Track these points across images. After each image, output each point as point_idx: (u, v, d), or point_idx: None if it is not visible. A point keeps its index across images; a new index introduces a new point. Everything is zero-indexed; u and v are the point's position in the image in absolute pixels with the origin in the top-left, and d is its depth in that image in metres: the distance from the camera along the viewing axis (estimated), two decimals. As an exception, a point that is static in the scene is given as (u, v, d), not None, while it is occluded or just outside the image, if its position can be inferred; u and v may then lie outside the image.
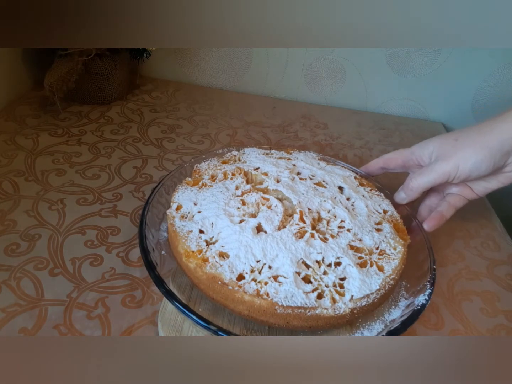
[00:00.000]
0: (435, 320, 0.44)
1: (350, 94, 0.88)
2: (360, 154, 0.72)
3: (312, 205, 0.41)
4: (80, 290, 0.41)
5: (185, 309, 0.32)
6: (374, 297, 0.34)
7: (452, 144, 0.45)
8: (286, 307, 0.32)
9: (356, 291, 0.34)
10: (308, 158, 0.51)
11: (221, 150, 0.52)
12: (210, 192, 0.42)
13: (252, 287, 0.33)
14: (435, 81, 0.83)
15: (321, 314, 0.32)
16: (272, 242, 0.36)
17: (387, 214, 0.44)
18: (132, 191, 0.56)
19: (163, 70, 0.90)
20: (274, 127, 0.77)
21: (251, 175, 0.46)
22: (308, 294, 0.33)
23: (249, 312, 0.34)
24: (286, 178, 0.45)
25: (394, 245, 0.39)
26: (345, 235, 0.39)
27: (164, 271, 0.39)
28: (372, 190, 0.47)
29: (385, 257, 0.38)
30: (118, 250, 0.47)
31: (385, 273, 0.36)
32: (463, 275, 0.50)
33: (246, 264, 0.34)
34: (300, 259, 0.35)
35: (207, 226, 0.38)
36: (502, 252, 0.54)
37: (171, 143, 0.68)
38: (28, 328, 0.37)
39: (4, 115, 0.68)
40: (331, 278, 0.34)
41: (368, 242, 0.39)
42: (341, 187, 0.46)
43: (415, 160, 0.49)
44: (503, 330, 0.43)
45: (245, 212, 0.40)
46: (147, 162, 0.62)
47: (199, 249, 0.36)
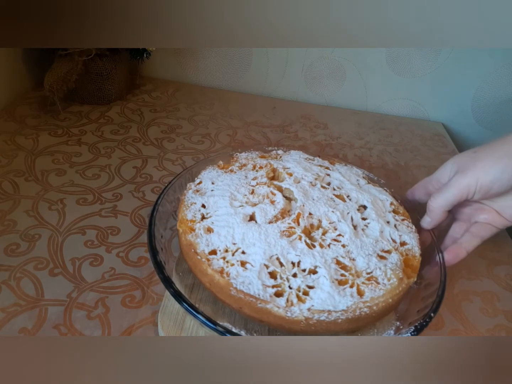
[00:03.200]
0: (435, 320, 0.44)
1: (350, 94, 0.88)
2: (360, 154, 0.72)
3: (317, 211, 0.41)
4: (80, 290, 0.41)
5: (192, 310, 0.33)
6: (338, 317, 0.32)
7: (471, 157, 0.42)
8: (239, 291, 0.33)
9: (319, 302, 0.33)
10: (349, 172, 0.50)
11: (270, 148, 0.54)
12: (231, 177, 0.45)
13: (218, 264, 0.35)
14: (435, 81, 0.83)
15: (272, 311, 0.32)
16: (255, 232, 0.37)
17: (405, 246, 0.40)
18: (132, 191, 0.56)
19: (163, 70, 0.90)
20: (274, 127, 0.77)
21: (278, 173, 0.48)
22: (266, 287, 0.33)
23: (210, 285, 0.36)
24: (306, 182, 0.45)
25: (390, 276, 0.36)
26: (336, 249, 0.37)
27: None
28: (405, 221, 0.44)
29: (373, 284, 0.35)
30: (118, 250, 0.47)
31: (362, 298, 0.34)
32: (463, 275, 0.50)
33: (222, 243, 0.36)
34: (274, 255, 0.36)
35: (210, 203, 0.41)
36: (502, 252, 0.54)
37: (171, 143, 0.68)
38: (28, 328, 0.37)
39: (4, 115, 0.68)
40: (298, 282, 0.34)
41: (361, 263, 0.37)
42: (364, 206, 0.44)
43: (435, 183, 0.46)
44: (503, 330, 0.43)
45: (248, 200, 0.41)
46: (147, 162, 0.62)
47: (192, 219, 0.39)
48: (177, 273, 0.41)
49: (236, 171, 0.47)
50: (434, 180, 0.46)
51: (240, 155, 0.51)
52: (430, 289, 0.39)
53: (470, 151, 0.43)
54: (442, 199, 0.43)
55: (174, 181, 0.47)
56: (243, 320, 0.37)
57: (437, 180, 0.46)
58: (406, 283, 0.36)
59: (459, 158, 0.44)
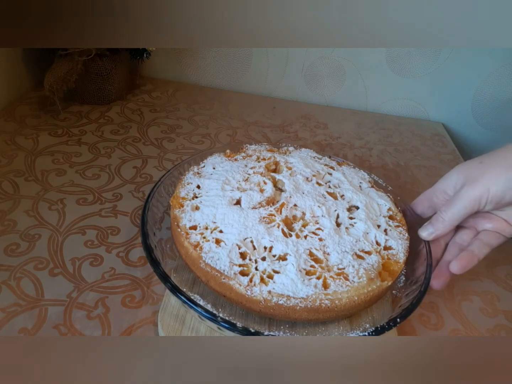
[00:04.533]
0: (435, 320, 0.44)
1: (350, 94, 0.88)
2: (360, 154, 0.72)
3: (302, 204, 0.42)
4: (80, 290, 0.41)
5: (190, 303, 0.34)
6: (296, 304, 0.33)
7: (478, 167, 0.40)
8: (207, 264, 0.36)
9: (280, 287, 0.34)
10: (353, 174, 0.49)
11: (284, 144, 0.55)
12: (231, 164, 0.48)
13: (195, 238, 0.38)
14: (435, 81, 0.83)
15: (233, 287, 0.34)
16: (236, 214, 0.39)
17: (389, 251, 0.40)
18: (132, 191, 0.56)
19: (163, 70, 0.90)
20: (274, 127, 0.77)
21: (279, 166, 0.49)
22: (233, 265, 0.35)
23: (185, 257, 0.38)
24: (301, 177, 0.46)
25: (361, 275, 0.36)
26: (312, 241, 0.38)
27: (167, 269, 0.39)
28: (399, 227, 0.43)
29: (341, 280, 0.35)
30: (118, 250, 0.47)
31: (326, 291, 0.34)
32: (463, 275, 0.49)
33: (203, 220, 0.39)
34: (249, 237, 0.37)
35: (205, 184, 0.44)
36: (502, 252, 0.54)
37: (171, 143, 0.68)
38: (28, 328, 0.37)
39: (4, 115, 0.68)
40: (264, 265, 0.35)
41: (333, 259, 0.37)
42: (357, 207, 0.44)
43: (440, 196, 0.44)
44: (503, 330, 0.43)
45: (240, 186, 0.44)
46: (147, 162, 0.62)
47: (185, 196, 0.43)
48: (176, 271, 0.41)
49: (239, 160, 0.49)
50: (439, 191, 0.44)
51: (250, 147, 0.53)
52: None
53: (475, 161, 0.41)
54: (453, 213, 0.41)
55: (163, 178, 0.47)
56: (243, 318, 0.38)
57: (443, 192, 0.43)
58: (378, 285, 0.36)
59: (465, 168, 0.42)
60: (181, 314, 0.39)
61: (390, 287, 0.38)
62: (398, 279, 0.40)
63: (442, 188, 0.43)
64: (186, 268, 0.40)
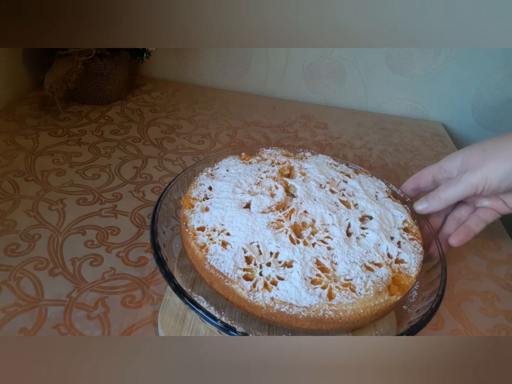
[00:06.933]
0: (435, 320, 0.44)
1: (350, 94, 0.88)
2: (360, 154, 0.72)
3: (313, 211, 0.41)
4: (80, 290, 0.41)
5: (193, 305, 0.34)
6: (299, 312, 0.33)
7: (481, 154, 0.43)
8: (211, 266, 0.35)
9: (283, 294, 0.33)
10: (370, 183, 0.48)
11: (301, 150, 0.55)
12: (245, 167, 0.47)
13: (202, 239, 0.38)
14: (435, 81, 0.83)
15: (236, 291, 0.34)
16: (244, 218, 0.39)
17: (401, 264, 0.38)
18: (132, 191, 0.56)
19: (163, 70, 0.90)
20: (274, 127, 0.77)
21: (293, 171, 0.49)
22: (237, 269, 0.35)
23: (191, 257, 0.38)
24: (314, 183, 0.45)
25: (369, 287, 0.35)
26: (320, 250, 0.37)
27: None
28: (414, 241, 0.42)
29: (347, 291, 0.34)
30: (118, 250, 0.47)
31: (330, 302, 0.33)
32: (463, 275, 0.50)
33: (212, 222, 0.39)
34: (255, 242, 0.37)
35: (217, 186, 0.44)
36: (502, 252, 0.54)
37: (171, 143, 0.68)
38: (28, 328, 0.37)
39: (4, 115, 0.68)
40: (269, 270, 0.35)
41: (341, 269, 0.36)
42: (370, 217, 0.43)
43: (444, 173, 0.47)
44: (503, 330, 0.43)
45: (251, 189, 0.44)
46: (147, 162, 0.62)
47: (196, 197, 0.42)
48: (178, 268, 0.42)
49: (253, 163, 0.49)
50: (443, 170, 0.47)
51: (265, 151, 0.53)
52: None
53: (480, 147, 0.44)
54: (451, 193, 0.44)
55: (177, 178, 0.48)
56: (243, 319, 0.38)
57: (446, 171, 0.47)
58: (386, 299, 0.35)
59: (469, 153, 0.45)
60: (181, 314, 0.39)
61: (399, 301, 0.36)
62: (409, 294, 0.40)
63: (447, 168, 0.46)
64: (192, 268, 0.40)
